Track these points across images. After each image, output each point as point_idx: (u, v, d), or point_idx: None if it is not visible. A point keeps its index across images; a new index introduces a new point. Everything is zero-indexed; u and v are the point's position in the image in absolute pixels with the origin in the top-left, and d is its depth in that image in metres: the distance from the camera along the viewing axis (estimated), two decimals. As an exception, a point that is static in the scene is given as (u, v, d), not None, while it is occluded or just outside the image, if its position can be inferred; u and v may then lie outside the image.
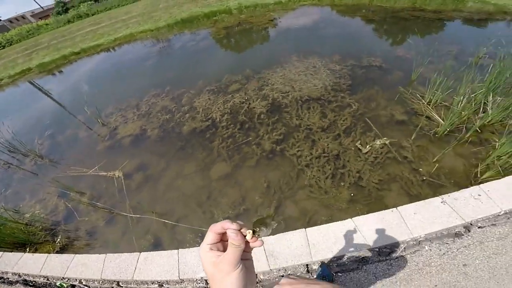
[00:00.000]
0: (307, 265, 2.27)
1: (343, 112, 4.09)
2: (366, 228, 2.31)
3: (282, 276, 2.19)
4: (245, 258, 0.56)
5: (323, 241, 2.29)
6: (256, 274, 2.30)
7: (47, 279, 2.78)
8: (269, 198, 3.16)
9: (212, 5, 13.82)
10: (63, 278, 2.68)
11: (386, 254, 2.22)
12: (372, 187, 3.00)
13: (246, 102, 4.78)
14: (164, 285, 2.46)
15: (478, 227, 2.25)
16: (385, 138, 3.45)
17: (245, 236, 0.55)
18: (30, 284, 2.80)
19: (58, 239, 3.31)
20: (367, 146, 3.40)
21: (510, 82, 4.07)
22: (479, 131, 3.35)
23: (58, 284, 2.64)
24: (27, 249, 3.22)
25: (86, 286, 2.62)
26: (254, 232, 0.56)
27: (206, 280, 2.34)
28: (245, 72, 5.80)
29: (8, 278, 2.93)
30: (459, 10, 8.73)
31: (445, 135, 3.40)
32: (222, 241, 0.58)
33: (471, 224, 2.26)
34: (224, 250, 0.55)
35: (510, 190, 2.37)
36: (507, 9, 8.67)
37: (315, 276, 2.18)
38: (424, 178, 2.96)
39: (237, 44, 8.45)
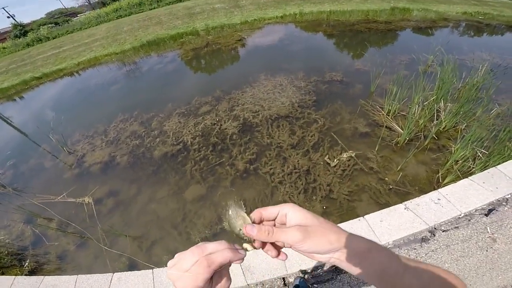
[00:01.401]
0: (283, 278, 2.29)
1: (310, 128, 4.26)
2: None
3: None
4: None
5: (297, 253, 2.33)
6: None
7: (13, 302, 2.59)
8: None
9: (178, 27, 13.92)
10: (31, 301, 2.52)
11: None
12: (343, 199, 3.13)
13: (218, 124, 4.81)
14: (139, 307, 2.37)
15: (442, 231, 2.38)
16: (351, 151, 3.63)
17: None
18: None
19: (27, 263, 3.15)
20: (335, 160, 3.55)
21: (456, 87, 4.50)
22: (436, 138, 3.64)
23: None
24: None
25: None
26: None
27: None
28: (215, 93, 5.86)
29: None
30: (406, 20, 9.60)
31: (406, 144, 3.65)
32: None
33: (435, 228, 2.40)
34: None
35: (466, 192, 2.58)
36: (447, 15, 9.67)
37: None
38: (391, 187, 3.15)
39: (206, 65, 8.55)
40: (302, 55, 7.44)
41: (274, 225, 0.54)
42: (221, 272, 0.47)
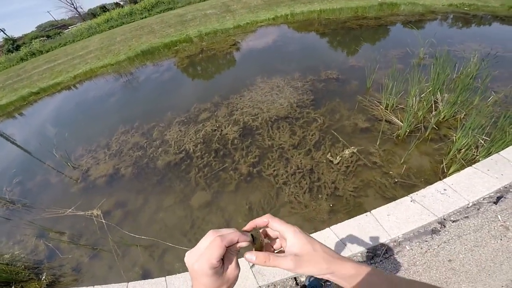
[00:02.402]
0: (295, 278, 2.31)
1: (310, 127, 4.30)
2: (345, 235, 2.42)
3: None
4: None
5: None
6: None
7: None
8: (253, 219, 3.19)
9: (171, 35, 13.98)
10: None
11: (370, 258, 2.30)
12: (349, 195, 3.15)
13: (218, 129, 4.84)
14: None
15: (452, 221, 2.36)
16: (352, 147, 3.67)
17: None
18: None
19: (44, 277, 3.20)
20: (338, 157, 3.59)
21: (451, 78, 4.55)
22: (437, 128, 3.67)
23: None
24: (13, 287, 3.08)
25: None
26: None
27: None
28: (214, 99, 5.90)
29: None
30: (395, 14, 9.68)
31: (407, 137, 3.69)
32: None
33: (445, 219, 2.39)
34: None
35: (472, 181, 2.58)
36: (433, 8, 9.75)
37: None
38: (396, 180, 3.17)
39: (202, 71, 8.59)
40: (297, 56, 7.50)
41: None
42: (230, 256, 0.52)
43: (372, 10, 10.62)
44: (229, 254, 0.51)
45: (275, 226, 0.56)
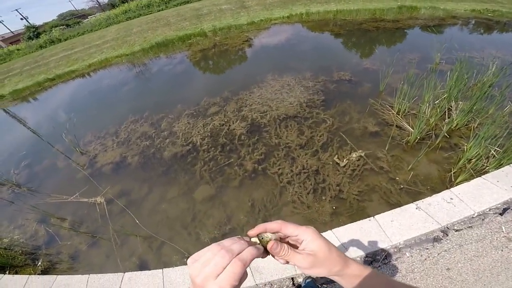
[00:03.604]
0: (292, 278, 2.30)
1: (319, 128, 4.25)
2: (347, 239, 2.39)
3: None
4: None
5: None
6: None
7: (28, 299, 2.67)
8: (254, 216, 3.20)
9: (186, 28, 14.05)
10: (44, 298, 2.59)
11: (369, 262, 2.28)
12: (353, 199, 3.11)
13: (226, 124, 4.85)
14: (148, 304, 2.42)
15: (455, 231, 2.34)
16: (360, 151, 3.61)
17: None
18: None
19: (40, 263, 3.25)
20: (344, 160, 3.54)
21: (469, 86, 4.41)
22: (448, 136, 3.58)
23: None
24: (7, 271, 3.13)
25: None
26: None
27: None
28: (223, 94, 5.91)
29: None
30: (414, 18, 9.46)
31: (417, 143, 3.61)
32: None
33: (448, 228, 2.36)
34: None
35: (480, 191, 2.52)
36: (455, 13, 9.49)
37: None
38: (402, 186, 3.11)
39: (214, 66, 8.60)
40: (310, 55, 7.42)
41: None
42: None
43: (390, 12, 10.41)
44: None
45: (290, 231, 0.56)
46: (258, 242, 0.54)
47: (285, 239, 0.58)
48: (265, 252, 0.54)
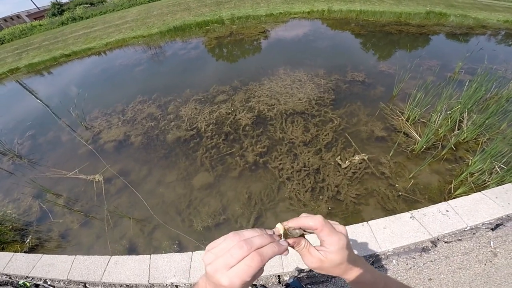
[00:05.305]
0: (278, 276, 2.29)
1: (325, 127, 4.18)
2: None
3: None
4: None
5: (295, 252, 2.31)
6: None
7: (10, 277, 2.69)
8: (250, 209, 3.19)
9: (205, 15, 13.98)
10: (27, 277, 2.61)
11: None
12: (350, 201, 3.07)
13: (232, 113, 4.82)
14: (132, 288, 2.44)
15: (445, 242, 2.31)
16: (364, 154, 3.54)
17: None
18: (-10, 281, 2.71)
19: (28, 240, 3.24)
20: (347, 162, 3.48)
21: (485, 98, 4.25)
22: (454, 148, 3.47)
23: (20, 282, 2.56)
24: None
25: (51, 286, 2.56)
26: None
27: (176, 286, 2.32)
28: (233, 83, 5.87)
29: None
30: (441, 25, 9.15)
31: (422, 152, 3.51)
32: None
33: (438, 239, 2.33)
34: None
35: (476, 206, 2.46)
36: (486, 23, 9.13)
37: (284, 288, 2.20)
38: (400, 193, 3.05)
39: (228, 54, 8.55)
40: (325, 53, 7.28)
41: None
42: None
43: (417, 17, 10.09)
44: None
45: (323, 235, 0.51)
46: (282, 233, 0.50)
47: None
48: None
